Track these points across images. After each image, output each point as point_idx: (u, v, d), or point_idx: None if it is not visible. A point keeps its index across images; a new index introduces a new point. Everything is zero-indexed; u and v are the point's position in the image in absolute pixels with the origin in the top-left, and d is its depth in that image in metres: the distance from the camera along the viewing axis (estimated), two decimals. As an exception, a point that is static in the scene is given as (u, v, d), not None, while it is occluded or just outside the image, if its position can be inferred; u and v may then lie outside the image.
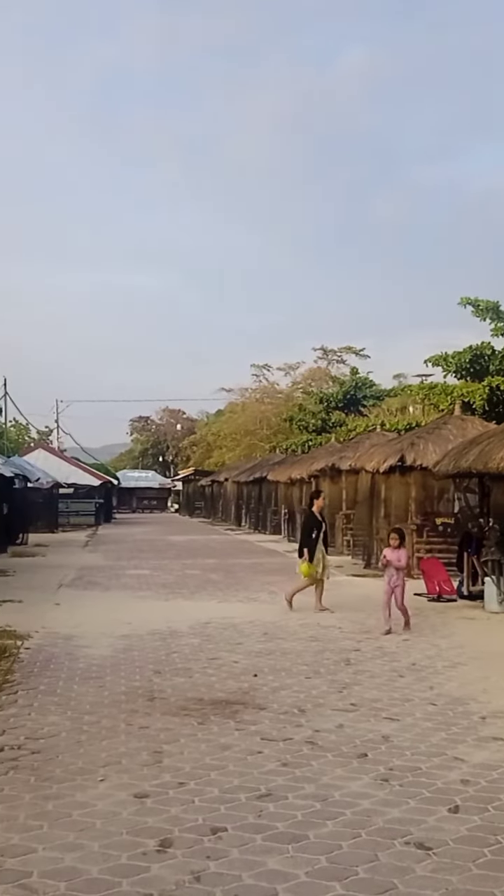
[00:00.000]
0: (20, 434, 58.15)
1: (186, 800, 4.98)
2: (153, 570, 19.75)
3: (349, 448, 24.23)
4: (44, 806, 4.89)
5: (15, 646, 9.73)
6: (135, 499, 75.77)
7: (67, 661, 9.00)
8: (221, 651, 9.54)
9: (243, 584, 16.58)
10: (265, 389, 59.47)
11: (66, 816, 4.74)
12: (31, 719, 6.72)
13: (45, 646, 9.86)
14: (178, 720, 6.67)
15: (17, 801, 4.97)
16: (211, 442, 67.99)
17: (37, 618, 11.80)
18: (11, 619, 11.53)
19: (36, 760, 5.70)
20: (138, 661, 8.98)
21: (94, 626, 11.19)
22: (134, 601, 14.08)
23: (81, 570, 19.48)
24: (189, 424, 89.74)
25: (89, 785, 5.23)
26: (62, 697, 7.43)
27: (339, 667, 8.74)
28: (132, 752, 5.88)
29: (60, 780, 5.33)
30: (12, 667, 8.67)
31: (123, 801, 4.96)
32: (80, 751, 5.92)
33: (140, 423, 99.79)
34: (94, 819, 4.69)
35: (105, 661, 8.94)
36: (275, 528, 34.18)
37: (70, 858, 4.20)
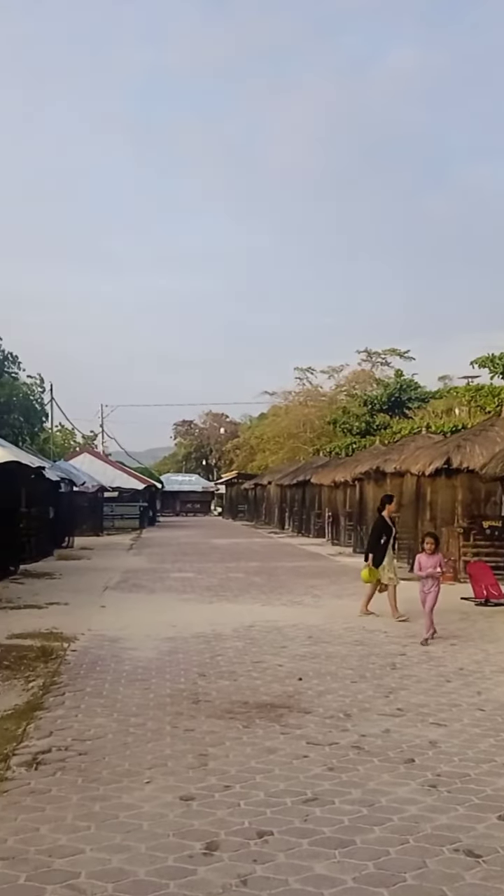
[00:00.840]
0: (66, 439, 58.85)
1: (232, 803, 4.97)
2: (197, 573, 19.81)
3: (394, 451, 24.05)
4: (91, 807, 4.92)
5: (62, 648, 9.83)
6: (178, 502, 76.18)
7: (113, 663, 9.06)
8: (266, 654, 9.52)
9: (287, 587, 16.54)
10: (309, 392, 59.32)
11: (113, 818, 4.76)
12: (78, 721, 6.77)
13: (91, 648, 9.94)
14: (223, 723, 6.66)
15: (65, 802, 5.01)
16: (254, 445, 68.03)
17: (83, 620, 11.90)
18: (58, 622, 11.66)
19: (83, 762, 5.74)
20: (183, 663, 9.00)
21: (139, 628, 11.25)
22: (178, 604, 14.13)
23: (126, 573, 19.62)
24: (232, 428, 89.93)
25: (136, 787, 5.25)
26: (108, 699, 7.47)
27: (385, 671, 8.66)
28: (178, 754, 5.89)
29: (107, 781, 5.36)
30: (59, 668, 8.75)
31: (170, 804, 4.97)
32: (126, 753, 5.94)
33: (183, 427, 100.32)
34: (140, 821, 4.71)
35: (150, 664, 8.98)
36: (318, 531, 34.07)
37: (117, 860, 4.22)
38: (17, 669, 8.68)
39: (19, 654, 9.42)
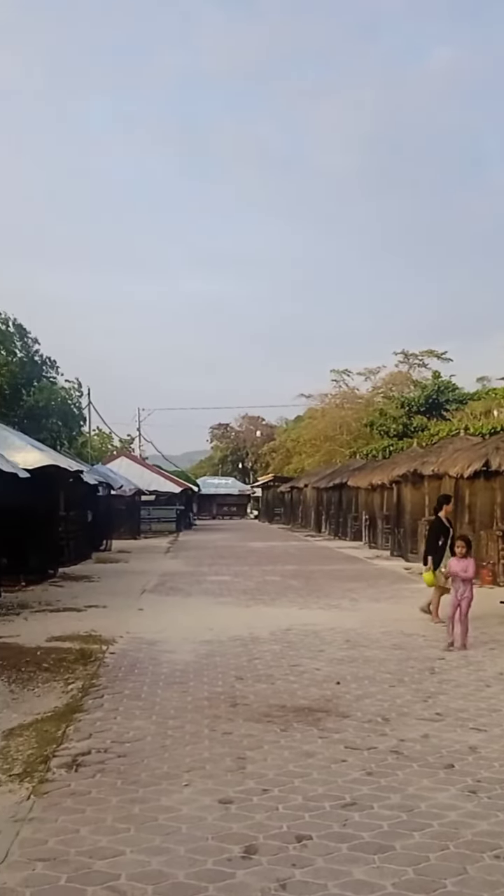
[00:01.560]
0: (103, 443, 59.33)
1: (270, 807, 4.97)
2: (234, 576, 19.84)
3: (432, 453, 23.86)
4: (130, 809, 4.95)
5: (101, 650, 9.90)
6: (215, 505, 76.41)
7: (151, 665, 9.11)
8: (303, 658, 9.50)
9: (324, 590, 16.49)
10: (345, 395, 59.08)
11: (153, 820, 4.79)
12: (117, 723, 6.81)
13: (129, 650, 10.00)
14: (260, 727, 6.67)
15: (105, 804, 5.05)
16: (290, 448, 67.94)
17: (121, 623, 11.98)
18: (97, 624, 11.75)
19: (122, 764, 5.78)
20: (220, 666, 9.02)
21: (176, 631, 11.29)
22: (215, 607, 14.16)
23: (163, 576, 19.71)
24: (268, 431, 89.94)
25: (174, 789, 5.28)
26: (147, 702, 7.51)
27: (424, 675, 8.60)
28: (216, 757, 5.90)
29: (146, 784, 5.39)
30: (98, 671, 8.82)
31: (208, 807, 4.98)
32: (164, 755, 5.97)
33: (220, 430, 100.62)
34: (179, 823, 4.73)
35: (188, 667, 9.01)
36: (355, 534, 33.93)
37: (157, 862, 4.24)
38: (56, 672, 8.76)
39: (59, 656, 9.51)
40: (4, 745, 6.27)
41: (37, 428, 28.25)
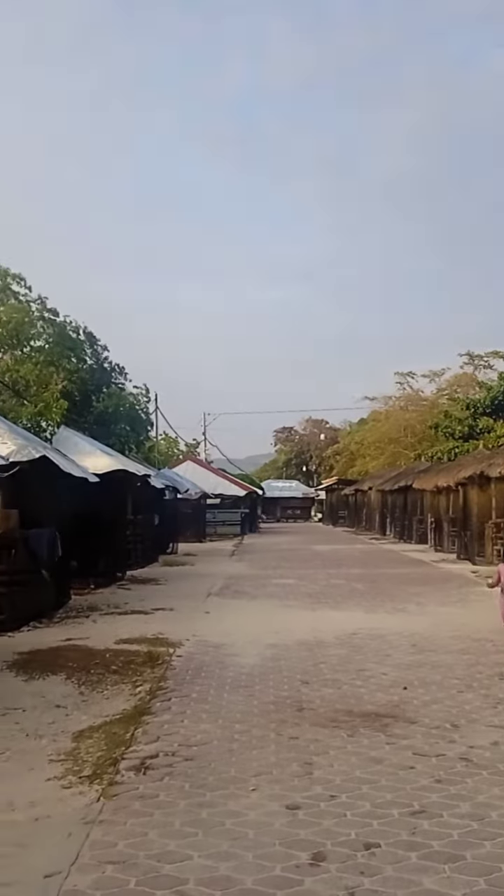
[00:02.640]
0: (170, 447, 59.87)
1: (338, 813, 4.94)
2: (298, 579, 19.80)
3: (498, 455, 23.48)
4: (198, 813, 4.98)
5: (167, 653, 9.98)
6: (279, 508, 76.39)
7: (217, 669, 9.14)
8: (369, 662, 9.42)
9: (389, 594, 16.34)
10: (409, 397, 58.51)
11: (220, 825, 4.80)
12: (184, 726, 6.86)
13: (195, 654, 10.06)
14: (327, 732, 6.63)
15: (173, 807, 5.08)
16: (354, 451, 67.58)
17: (187, 626, 12.06)
18: (164, 627, 11.86)
19: (189, 768, 5.81)
20: (286, 670, 9.00)
21: (242, 634, 11.32)
22: (280, 610, 14.15)
23: (229, 579, 19.78)
24: (332, 434, 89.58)
25: (241, 794, 5.28)
26: (213, 705, 7.54)
27: (493, 681, 8.44)
28: (282, 762, 5.89)
29: (213, 787, 5.41)
30: (165, 674, 8.89)
31: (275, 812, 4.97)
32: (231, 759, 5.98)
33: (284, 433, 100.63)
34: (246, 829, 4.73)
35: (254, 671, 9.02)
36: (421, 537, 33.54)
37: (224, 867, 4.25)
38: (124, 674, 8.87)
39: (127, 658, 9.62)
40: (74, 746, 6.37)
41: (106, 433, 28.69)
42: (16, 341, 30.07)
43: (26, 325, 30.34)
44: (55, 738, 6.60)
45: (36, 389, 26.35)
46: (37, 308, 31.64)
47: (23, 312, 30.47)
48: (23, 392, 26.22)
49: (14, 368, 27.22)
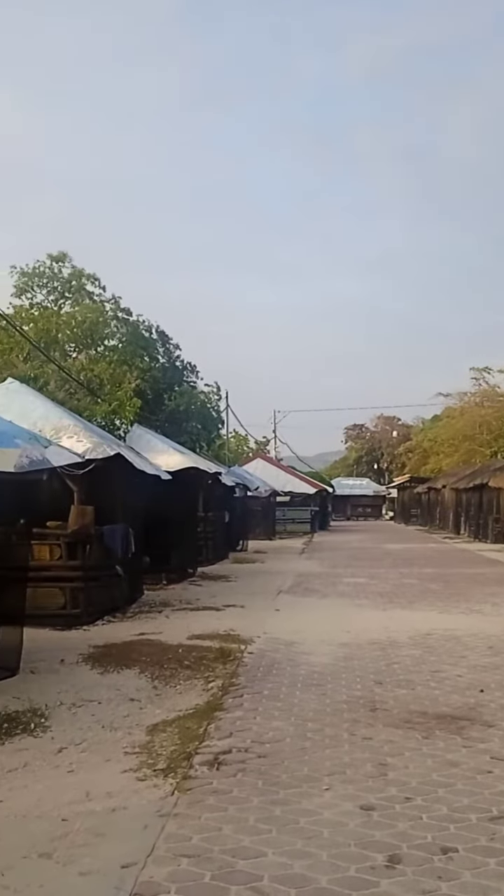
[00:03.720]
0: (239, 445, 60.14)
1: (414, 816, 4.87)
2: (370, 578, 19.64)
3: None
4: (272, 811, 4.97)
5: (239, 650, 10.02)
6: (349, 506, 75.93)
7: (289, 667, 9.13)
8: (444, 664, 9.28)
9: (464, 594, 16.07)
10: (485, 393, 57.32)
11: (294, 823, 4.78)
12: (257, 723, 6.86)
13: (267, 651, 10.06)
14: (401, 733, 6.55)
15: (246, 803, 5.08)
16: (427, 448, 66.61)
17: (258, 623, 12.08)
18: (235, 624, 11.90)
19: (262, 765, 5.81)
20: (358, 670, 8.93)
21: (313, 632, 11.28)
22: (352, 609, 14.06)
23: (299, 577, 19.75)
24: (404, 431, 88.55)
25: (315, 793, 5.25)
26: (285, 703, 7.53)
27: None
28: (356, 762, 5.84)
29: (286, 785, 5.39)
30: (237, 670, 8.92)
31: (349, 812, 4.93)
32: (304, 758, 5.96)
33: (355, 430, 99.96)
34: (320, 828, 4.70)
35: (325, 669, 8.97)
36: (497, 536, 32.91)
37: (299, 866, 4.23)
38: (197, 669, 8.93)
39: (199, 654, 9.68)
40: (149, 740, 6.44)
41: (178, 431, 28.99)
42: (90, 341, 30.59)
43: (100, 324, 30.84)
44: (130, 731, 6.68)
45: (110, 388, 26.75)
46: (111, 308, 32.15)
47: (97, 312, 30.99)
48: (97, 391, 26.65)
49: (89, 367, 27.69)
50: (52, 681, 8.38)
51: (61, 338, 29.46)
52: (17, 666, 8.58)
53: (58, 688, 8.06)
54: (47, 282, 32.43)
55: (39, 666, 8.93)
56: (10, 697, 7.61)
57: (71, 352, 30.30)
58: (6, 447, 7.86)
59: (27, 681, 8.31)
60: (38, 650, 9.34)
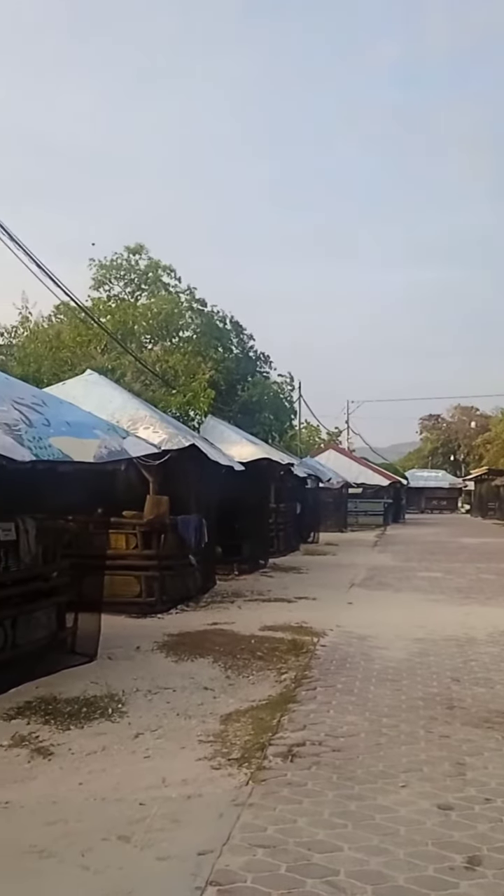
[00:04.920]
0: (311, 435, 59.95)
1: (494, 818, 4.77)
2: (445, 573, 19.36)
3: None
4: (347, 805, 4.95)
5: (311, 642, 10.00)
6: (423, 499, 74.94)
7: (363, 661, 9.07)
8: (523, 662, 9.08)
9: (543, 592, 15.70)
10: None
11: (370, 819, 4.75)
12: (330, 717, 6.84)
13: (340, 644, 10.02)
14: (480, 732, 6.43)
15: (321, 797, 5.07)
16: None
17: (331, 616, 12.04)
18: (307, 616, 11.88)
19: (337, 759, 5.79)
20: (434, 666, 8.82)
21: (387, 627, 11.18)
22: (427, 604, 13.88)
23: (372, 570, 19.61)
24: (482, 422, 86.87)
25: (391, 790, 5.21)
26: (359, 698, 7.49)
27: None
28: (433, 760, 5.77)
29: (361, 781, 5.36)
30: (310, 663, 8.90)
31: (426, 811, 4.87)
32: (379, 753, 5.92)
33: (430, 421, 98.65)
34: (397, 825, 4.66)
35: (401, 665, 8.88)
36: None
37: (375, 862, 4.21)
38: (269, 661, 8.95)
39: (271, 645, 9.71)
40: (223, 729, 6.48)
41: (250, 422, 29.03)
42: (166, 332, 30.86)
43: (175, 315, 31.06)
44: (204, 720, 6.74)
45: (184, 379, 26.96)
46: (186, 299, 32.32)
47: (172, 303, 31.21)
48: (172, 382, 26.89)
49: (164, 359, 27.95)
50: (128, 667, 8.52)
51: (137, 329, 29.80)
52: (95, 652, 8.76)
53: (134, 674, 8.19)
54: (124, 274, 32.79)
55: (116, 652, 9.08)
56: (89, 682, 7.77)
57: (147, 343, 30.63)
58: (86, 438, 7.99)
59: (104, 667, 8.47)
60: (114, 637, 9.50)
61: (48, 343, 27.49)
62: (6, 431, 6.76)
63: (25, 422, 7.16)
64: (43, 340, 27.81)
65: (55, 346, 27.26)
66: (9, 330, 29.56)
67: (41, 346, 27.36)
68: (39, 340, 27.92)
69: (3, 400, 7.33)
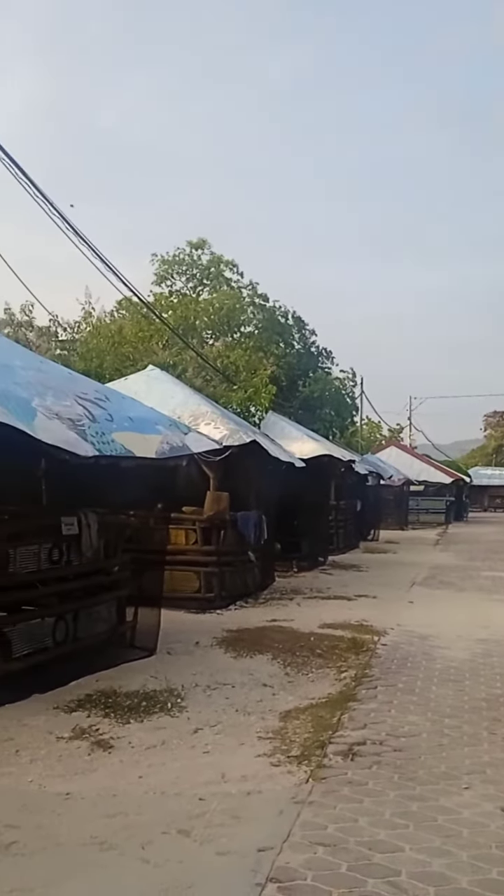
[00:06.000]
0: (372, 432, 59.50)
1: None
2: (509, 573, 19.01)
3: None
4: (408, 806, 4.88)
5: (372, 641, 9.91)
6: (486, 497, 73.62)
7: (424, 661, 8.96)
8: None
9: None
10: None
11: (432, 820, 4.68)
12: (391, 716, 6.76)
13: (401, 643, 9.91)
14: (545, 735, 6.30)
15: (382, 797, 5.01)
16: None
17: (391, 614, 11.92)
18: (367, 614, 11.79)
19: (398, 758, 5.72)
20: (498, 667, 8.65)
21: (449, 627, 11.02)
22: (490, 605, 13.63)
23: (433, 569, 19.36)
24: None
25: (453, 791, 5.13)
26: (421, 697, 7.39)
27: None
28: (497, 762, 5.65)
29: (423, 781, 5.29)
30: (370, 661, 8.83)
31: (490, 814, 4.78)
32: (441, 754, 5.83)
33: (495, 418, 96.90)
34: (460, 827, 4.58)
35: (463, 665, 8.75)
36: None
37: (438, 864, 4.14)
38: (329, 658, 8.90)
39: (331, 643, 9.65)
40: (282, 726, 6.47)
41: (311, 418, 28.99)
42: (227, 327, 30.98)
43: (237, 311, 31.16)
44: (263, 716, 6.73)
45: (245, 375, 27.02)
46: (248, 294, 32.39)
47: (234, 299, 31.30)
48: (233, 377, 26.97)
49: (225, 354, 28.06)
50: (187, 662, 8.56)
51: (199, 325, 29.97)
52: (154, 646, 8.83)
53: (193, 669, 8.22)
54: (186, 269, 33.02)
55: (175, 647, 9.14)
56: (149, 676, 7.83)
57: (208, 339, 30.78)
58: (148, 433, 8.04)
59: (164, 661, 8.53)
60: (174, 632, 9.56)
61: (110, 338, 27.83)
62: (70, 426, 6.84)
63: (89, 417, 7.24)
64: (105, 336, 28.17)
65: (117, 341, 27.58)
66: (72, 325, 30.03)
67: (103, 341, 27.72)
68: (102, 336, 28.29)
69: (67, 395, 7.42)
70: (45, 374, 7.88)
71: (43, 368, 8.19)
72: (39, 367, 8.08)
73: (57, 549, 8.01)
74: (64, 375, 8.71)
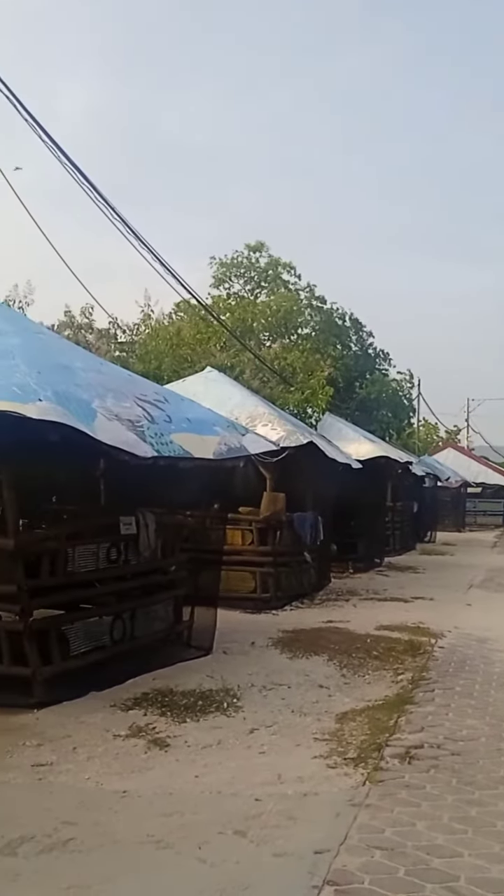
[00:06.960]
0: (428, 433, 58.88)
1: None
2: None
3: None
4: (467, 811, 4.83)
5: (429, 643, 9.82)
6: (546, 500, 72.35)
7: (483, 664, 8.84)
8: None
9: None
10: None
11: (491, 826, 4.62)
12: (449, 720, 6.69)
13: (458, 646, 9.80)
14: None
15: (440, 801, 4.97)
16: None
17: (448, 617, 11.78)
18: (424, 617, 11.67)
19: (456, 762, 5.66)
20: None
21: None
22: (550, 609, 13.39)
23: (491, 572, 19.07)
24: None
25: (513, 797, 5.06)
26: (479, 701, 7.30)
27: None
28: None
29: (482, 786, 5.22)
30: (427, 664, 8.75)
31: (551, 822, 4.70)
32: (500, 759, 5.74)
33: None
34: (520, 834, 4.52)
35: (522, 669, 8.62)
36: None
37: (497, 870, 4.08)
38: (385, 660, 8.84)
39: (388, 645, 9.59)
40: (338, 728, 6.45)
41: (368, 419, 28.86)
42: (284, 329, 31.01)
43: (295, 313, 31.17)
44: (319, 718, 6.72)
45: (302, 377, 27.00)
46: (305, 296, 32.38)
47: (292, 301, 31.32)
48: (290, 379, 26.98)
49: (282, 356, 28.08)
50: (243, 662, 8.59)
51: (256, 327, 30.05)
52: (211, 646, 8.88)
53: (249, 669, 8.25)
54: (244, 272, 33.15)
55: (232, 647, 9.18)
56: (205, 676, 7.87)
57: (265, 340, 30.85)
58: (206, 434, 8.09)
59: (220, 661, 8.57)
60: (230, 632, 9.61)
61: (169, 340, 28.07)
62: (129, 427, 6.92)
63: (147, 418, 7.31)
64: (164, 338, 28.43)
65: (175, 343, 27.81)
66: (131, 328, 30.36)
67: (162, 343, 27.98)
68: (160, 338, 28.56)
69: (127, 396, 7.51)
70: (105, 375, 7.99)
71: (103, 370, 8.31)
72: (99, 369, 8.20)
73: (115, 548, 8.12)
74: (123, 377, 8.82)
